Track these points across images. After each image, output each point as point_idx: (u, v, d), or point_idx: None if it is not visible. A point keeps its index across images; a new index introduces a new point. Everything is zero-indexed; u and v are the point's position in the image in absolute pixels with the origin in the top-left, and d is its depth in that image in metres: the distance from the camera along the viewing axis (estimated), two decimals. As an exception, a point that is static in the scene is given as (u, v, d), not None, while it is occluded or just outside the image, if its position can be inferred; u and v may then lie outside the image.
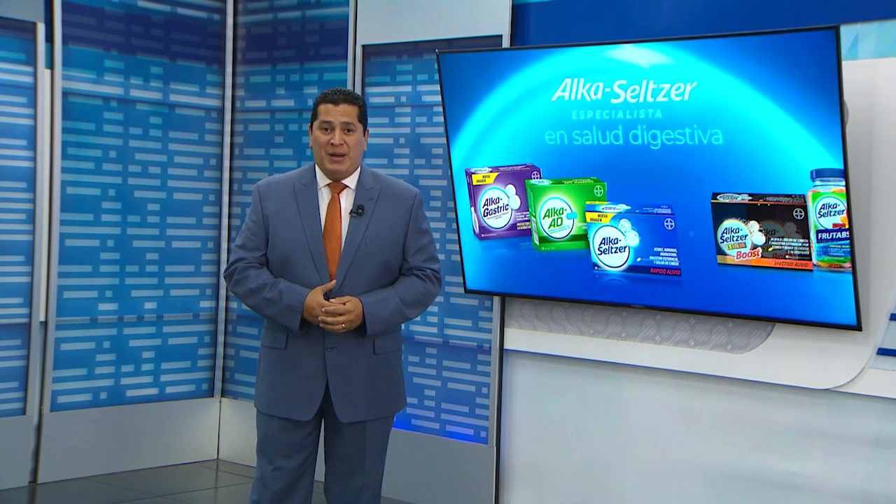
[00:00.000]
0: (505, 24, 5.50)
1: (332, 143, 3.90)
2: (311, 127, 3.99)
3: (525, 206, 5.28)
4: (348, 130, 3.93)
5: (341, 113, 3.92)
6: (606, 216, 5.03)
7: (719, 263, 4.75)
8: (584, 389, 5.35)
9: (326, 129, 3.93)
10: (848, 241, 4.40)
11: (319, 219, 3.93)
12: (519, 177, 5.28)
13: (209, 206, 6.59)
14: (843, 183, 4.36)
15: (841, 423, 4.64)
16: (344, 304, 3.84)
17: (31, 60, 5.81)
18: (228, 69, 6.62)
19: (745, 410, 4.88)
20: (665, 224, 4.86)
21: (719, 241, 4.74)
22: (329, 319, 3.82)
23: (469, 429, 5.69)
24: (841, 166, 4.36)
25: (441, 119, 5.55)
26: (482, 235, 5.43)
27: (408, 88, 5.90)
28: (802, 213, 4.50)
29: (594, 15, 5.27)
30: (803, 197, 4.48)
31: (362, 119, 3.98)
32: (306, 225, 3.92)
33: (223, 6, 6.60)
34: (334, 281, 3.87)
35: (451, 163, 5.47)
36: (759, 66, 4.49)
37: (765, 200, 4.59)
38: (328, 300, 3.86)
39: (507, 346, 5.56)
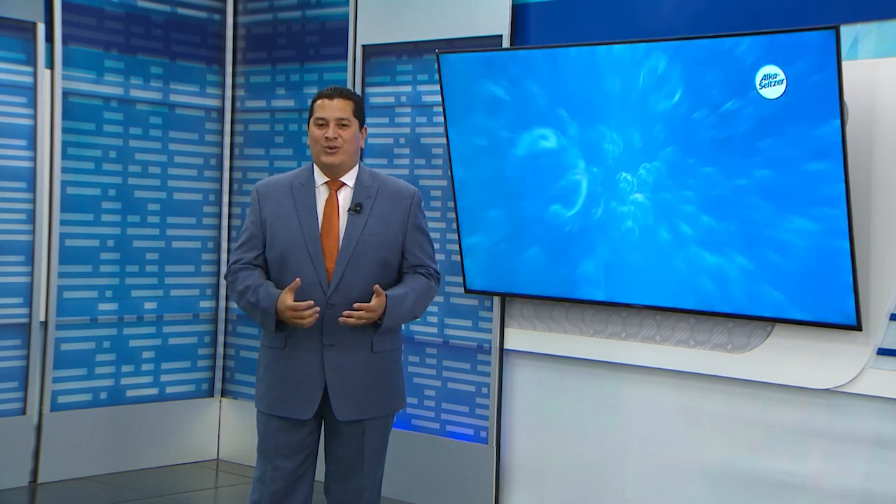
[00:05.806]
0: (505, 24, 5.49)
1: (326, 137, 3.91)
2: (309, 125, 3.99)
3: (525, 206, 5.29)
4: (343, 125, 3.93)
5: (336, 108, 3.92)
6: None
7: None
8: (584, 389, 5.35)
9: (321, 125, 3.93)
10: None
11: (317, 216, 3.93)
12: (519, 177, 5.29)
13: (209, 206, 6.59)
14: None
15: (841, 423, 4.64)
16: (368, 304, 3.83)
17: (31, 60, 5.81)
18: (228, 69, 6.61)
19: (745, 410, 4.88)
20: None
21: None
22: (345, 312, 3.80)
23: (469, 429, 5.69)
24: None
25: (441, 119, 5.55)
26: (482, 235, 5.44)
27: (408, 88, 5.90)
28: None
29: (594, 15, 5.27)
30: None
31: (358, 115, 3.97)
32: (303, 223, 3.91)
33: (223, 6, 6.59)
34: (298, 280, 3.83)
35: (451, 163, 5.46)
36: (759, 66, 4.49)
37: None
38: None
39: (507, 346, 5.56)
